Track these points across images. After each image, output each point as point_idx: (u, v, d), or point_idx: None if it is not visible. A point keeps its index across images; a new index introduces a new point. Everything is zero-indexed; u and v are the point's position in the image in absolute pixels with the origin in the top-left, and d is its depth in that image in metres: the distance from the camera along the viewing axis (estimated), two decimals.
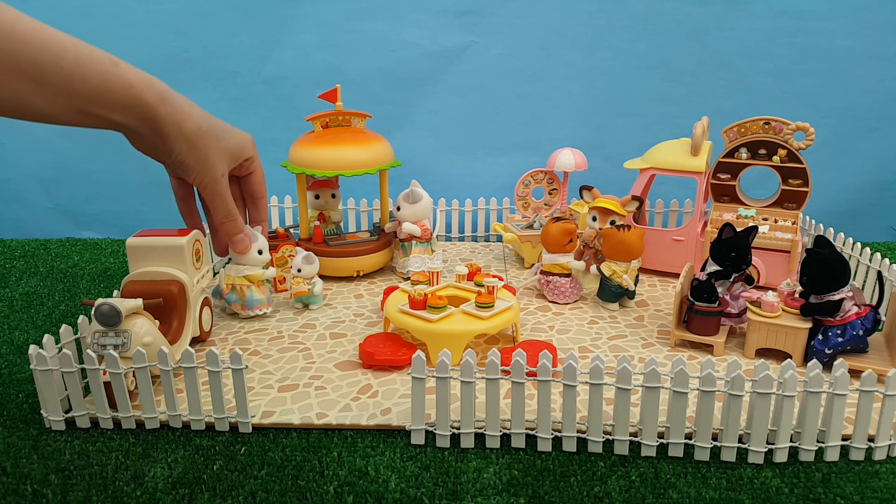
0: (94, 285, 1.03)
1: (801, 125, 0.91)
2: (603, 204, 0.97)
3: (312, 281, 0.90)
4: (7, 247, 1.23)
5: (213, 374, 0.61)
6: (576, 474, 0.57)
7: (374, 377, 0.72)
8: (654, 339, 0.82)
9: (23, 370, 0.75)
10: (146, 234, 0.75)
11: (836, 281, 0.71)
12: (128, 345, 0.64)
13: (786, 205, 0.95)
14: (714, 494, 0.55)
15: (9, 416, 0.66)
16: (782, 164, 0.94)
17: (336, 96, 0.98)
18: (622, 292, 0.90)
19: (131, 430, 0.64)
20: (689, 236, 1.00)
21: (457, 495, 0.55)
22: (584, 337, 0.83)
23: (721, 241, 0.79)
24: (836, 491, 0.55)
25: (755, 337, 0.76)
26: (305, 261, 0.89)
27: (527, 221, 1.14)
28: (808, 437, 0.58)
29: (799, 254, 0.93)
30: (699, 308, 0.77)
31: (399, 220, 1.01)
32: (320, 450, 0.60)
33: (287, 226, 1.13)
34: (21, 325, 0.88)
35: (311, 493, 0.55)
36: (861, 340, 0.71)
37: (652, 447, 0.59)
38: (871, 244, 1.22)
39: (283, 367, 0.74)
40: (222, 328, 0.85)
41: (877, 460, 0.59)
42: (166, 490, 0.55)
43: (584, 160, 1.07)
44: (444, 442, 0.61)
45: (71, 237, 1.31)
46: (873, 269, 0.90)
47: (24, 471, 0.58)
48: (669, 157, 0.99)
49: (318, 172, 0.96)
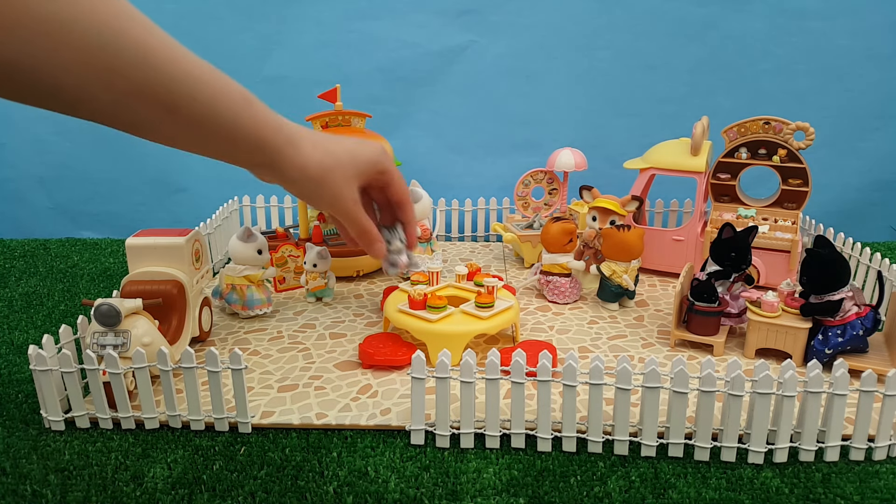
0: (94, 285, 1.03)
1: (801, 125, 0.91)
2: (603, 204, 0.97)
3: (327, 275, 0.93)
4: (7, 247, 1.22)
5: (212, 374, 0.61)
6: (576, 474, 0.57)
7: (374, 377, 0.72)
8: (654, 339, 0.82)
9: (22, 370, 0.75)
10: (146, 234, 0.75)
11: (836, 281, 0.71)
12: (127, 345, 0.64)
13: (786, 205, 0.95)
14: (714, 494, 0.55)
15: (8, 416, 0.66)
16: (782, 164, 0.94)
17: (336, 96, 0.98)
18: (622, 292, 0.90)
19: (131, 430, 0.63)
20: (689, 236, 1.00)
21: (457, 495, 0.55)
22: (584, 337, 0.83)
23: (721, 241, 0.79)
24: (836, 491, 0.55)
25: (755, 337, 0.76)
26: (320, 256, 0.91)
27: (527, 221, 1.14)
28: (808, 438, 0.58)
29: (799, 254, 0.93)
30: (699, 308, 0.77)
31: None
32: (320, 450, 0.60)
33: (287, 226, 1.13)
34: (21, 325, 0.88)
35: (310, 494, 0.55)
36: (861, 340, 0.71)
37: (652, 447, 0.59)
38: (871, 244, 1.22)
39: (283, 367, 0.74)
40: (222, 328, 0.85)
41: (877, 460, 0.59)
42: (166, 490, 0.55)
43: (584, 160, 1.07)
44: (443, 442, 0.61)
45: (70, 237, 1.31)
46: (873, 269, 0.90)
47: (24, 471, 0.58)
48: (669, 157, 0.99)
49: None
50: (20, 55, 0.35)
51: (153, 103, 0.43)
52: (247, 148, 0.51)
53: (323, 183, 0.59)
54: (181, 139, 0.47)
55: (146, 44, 0.41)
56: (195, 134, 0.47)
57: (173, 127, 0.45)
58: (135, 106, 0.42)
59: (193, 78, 0.44)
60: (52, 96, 0.39)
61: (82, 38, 0.37)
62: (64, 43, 0.36)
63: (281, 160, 0.53)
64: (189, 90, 0.44)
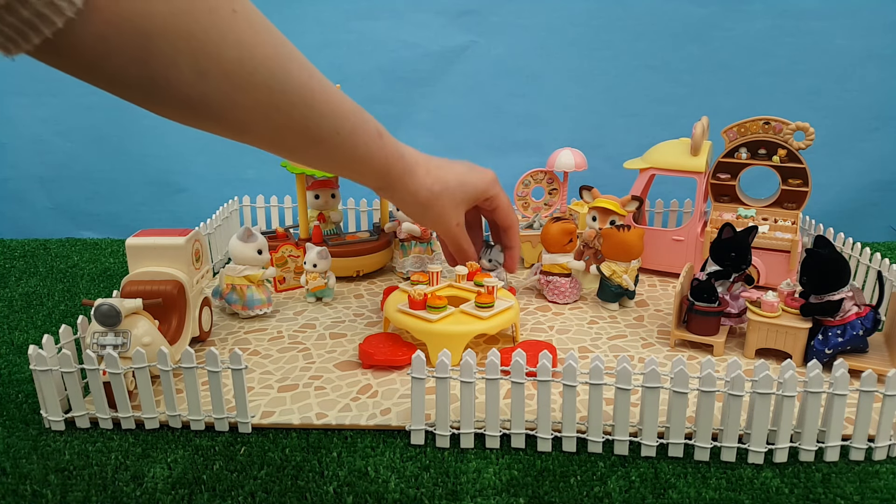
0: (94, 285, 1.03)
1: (800, 125, 0.91)
2: (603, 204, 0.97)
3: (327, 275, 0.93)
4: (7, 247, 1.22)
5: (212, 374, 0.61)
6: (576, 474, 0.57)
7: (374, 377, 0.72)
8: (654, 339, 0.82)
9: (22, 370, 0.75)
10: (146, 234, 0.75)
11: (835, 281, 0.71)
12: (127, 345, 0.64)
13: (786, 205, 0.95)
14: (714, 494, 0.55)
15: (8, 416, 0.66)
16: (782, 164, 0.94)
17: None
18: (622, 292, 0.90)
19: (131, 430, 0.63)
20: (689, 236, 1.00)
21: (456, 495, 0.55)
22: (584, 337, 0.83)
23: (721, 241, 0.79)
24: (836, 491, 0.55)
25: (755, 337, 0.76)
26: (320, 256, 0.91)
27: (527, 221, 1.14)
28: (808, 438, 0.58)
29: (799, 254, 0.93)
30: (699, 308, 0.77)
31: (399, 220, 1.01)
32: (320, 450, 0.60)
33: (287, 226, 1.13)
34: (21, 325, 0.88)
35: (310, 494, 0.55)
36: (861, 340, 0.71)
37: (652, 447, 0.59)
38: (871, 244, 1.22)
39: (283, 368, 0.74)
40: (222, 328, 0.85)
41: (877, 460, 0.59)
42: (166, 490, 0.55)
43: (583, 160, 1.07)
44: (443, 442, 0.61)
45: (71, 237, 1.31)
46: (873, 269, 0.90)
47: (24, 471, 0.58)
48: (669, 157, 0.99)
49: (318, 172, 0.96)
50: (206, 93, 0.40)
51: (303, 136, 0.49)
52: (374, 175, 0.57)
53: (429, 207, 0.66)
54: (317, 164, 0.54)
55: (306, 86, 0.47)
56: (332, 160, 0.53)
57: (316, 153, 0.51)
58: (288, 137, 0.48)
59: (339, 115, 0.50)
60: (223, 124, 0.44)
61: (257, 82, 0.42)
62: (240, 85, 0.41)
63: (398, 186, 0.60)
64: (334, 125, 0.50)
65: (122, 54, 0.36)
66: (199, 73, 0.39)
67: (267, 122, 0.45)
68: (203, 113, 0.42)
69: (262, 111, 0.44)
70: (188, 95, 0.39)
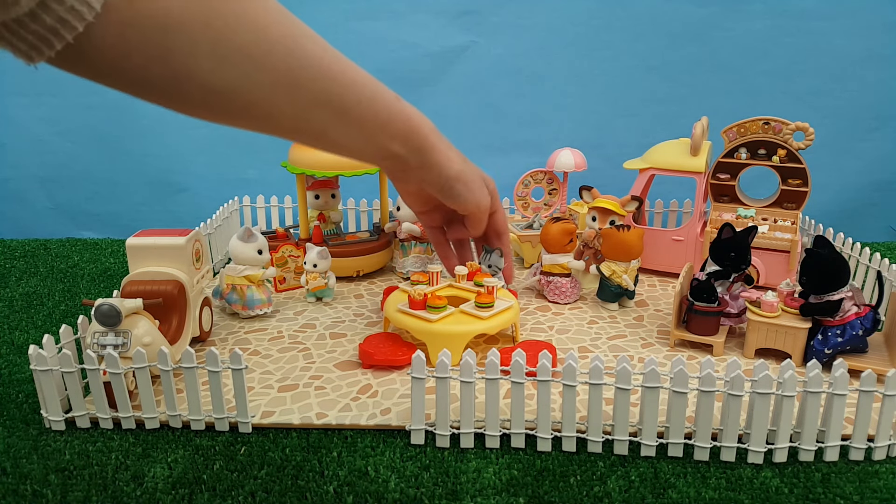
0: (94, 285, 1.03)
1: (800, 125, 0.91)
2: (602, 204, 0.97)
3: (327, 275, 0.93)
4: (7, 247, 1.22)
5: (212, 374, 0.61)
6: (575, 474, 0.57)
7: (374, 377, 0.72)
8: (654, 339, 0.82)
9: (23, 370, 0.75)
10: (146, 234, 0.75)
11: (835, 281, 0.71)
12: (128, 345, 0.64)
13: (785, 205, 0.95)
14: (714, 494, 0.55)
15: (9, 416, 0.66)
16: (782, 164, 0.94)
17: None
18: (622, 292, 0.90)
19: (131, 430, 0.64)
20: (689, 236, 1.00)
21: (456, 495, 0.55)
22: (584, 337, 0.83)
23: (721, 241, 0.79)
24: (836, 491, 0.55)
25: (755, 337, 0.76)
26: (320, 256, 0.91)
27: (527, 221, 1.14)
28: (808, 437, 0.58)
29: (798, 254, 0.93)
30: (699, 308, 0.77)
31: (399, 220, 1.01)
32: (320, 450, 0.60)
33: (287, 226, 1.13)
34: (21, 325, 0.88)
35: (310, 494, 0.55)
36: (860, 340, 0.71)
37: (651, 447, 0.59)
38: (871, 244, 1.22)
39: (283, 367, 0.74)
40: (222, 328, 0.85)
41: (876, 460, 0.59)
42: (166, 490, 0.55)
43: (583, 160, 1.07)
44: (443, 442, 0.61)
45: (71, 237, 1.31)
46: (873, 269, 0.90)
47: (24, 471, 0.58)
48: (669, 157, 0.99)
49: (317, 172, 0.96)
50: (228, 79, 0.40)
51: (328, 110, 0.49)
52: (401, 138, 0.57)
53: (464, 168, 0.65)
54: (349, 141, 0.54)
55: (322, 60, 0.47)
56: (358, 132, 0.53)
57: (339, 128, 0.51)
58: (313, 115, 0.48)
59: (358, 84, 0.51)
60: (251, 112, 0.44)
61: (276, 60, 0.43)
62: (260, 65, 0.42)
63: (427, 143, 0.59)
64: (356, 95, 0.50)
65: (141, 52, 0.36)
66: (218, 60, 0.39)
67: (292, 102, 0.45)
68: (228, 102, 0.42)
69: (285, 91, 0.44)
70: (211, 84, 0.40)
